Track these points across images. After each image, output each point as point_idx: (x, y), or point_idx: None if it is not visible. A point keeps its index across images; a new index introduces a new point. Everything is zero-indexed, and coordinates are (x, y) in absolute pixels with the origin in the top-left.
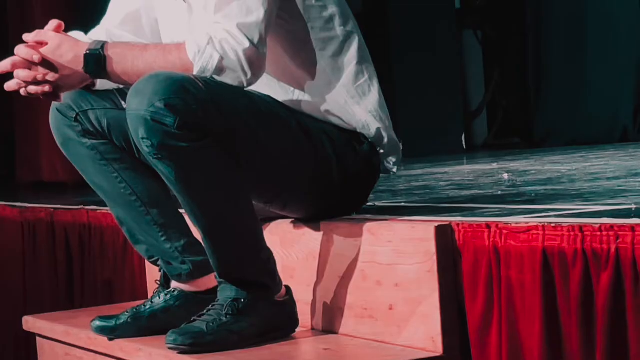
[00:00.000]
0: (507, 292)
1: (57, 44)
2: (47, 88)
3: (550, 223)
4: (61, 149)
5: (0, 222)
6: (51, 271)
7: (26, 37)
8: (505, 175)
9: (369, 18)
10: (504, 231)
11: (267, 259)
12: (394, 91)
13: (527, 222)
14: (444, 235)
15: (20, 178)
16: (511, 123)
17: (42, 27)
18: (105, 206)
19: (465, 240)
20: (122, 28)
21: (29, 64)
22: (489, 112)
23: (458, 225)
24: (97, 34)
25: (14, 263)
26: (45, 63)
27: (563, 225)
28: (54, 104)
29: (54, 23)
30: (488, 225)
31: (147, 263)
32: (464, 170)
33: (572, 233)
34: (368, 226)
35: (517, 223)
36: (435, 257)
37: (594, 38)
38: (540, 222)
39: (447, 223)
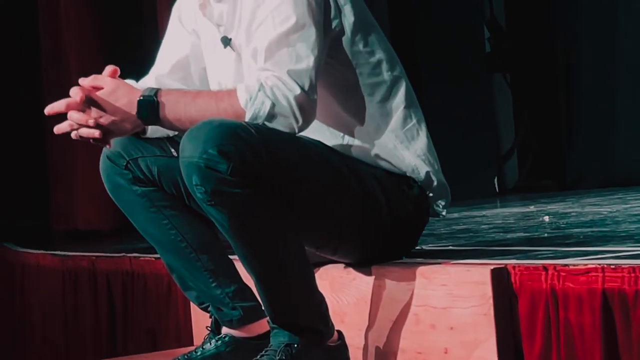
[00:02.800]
0: (565, 335)
1: (113, 88)
2: (97, 133)
3: (609, 265)
4: (111, 196)
5: (41, 271)
6: (93, 320)
7: (82, 81)
8: (547, 218)
9: None
10: (562, 273)
11: (319, 304)
12: None
13: (585, 264)
14: (500, 278)
15: (55, 227)
16: (542, 165)
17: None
18: (148, 253)
19: (521, 283)
20: (171, 76)
21: (83, 107)
22: (519, 155)
23: (514, 268)
24: (147, 82)
25: (54, 312)
26: (99, 107)
27: (623, 266)
28: (105, 151)
29: (109, 68)
30: (545, 268)
31: (192, 309)
32: (502, 213)
33: (632, 274)
34: (421, 270)
35: (575, 265)
36: (491, 301)
37: (625, 77)
38: (599, 264)
39: (503, 266)
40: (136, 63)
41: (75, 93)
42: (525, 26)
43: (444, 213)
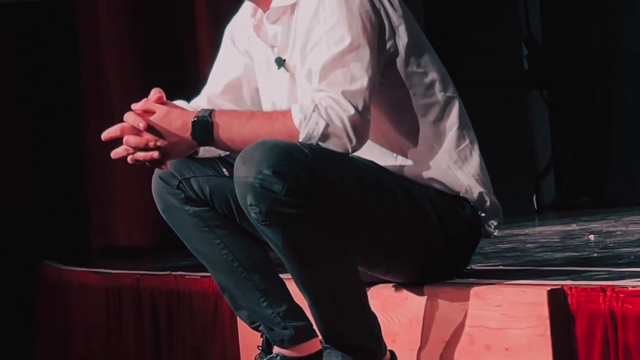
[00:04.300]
0: (624, 356)
1: (166, 112)
2: (156, 155)
3: None
4: (163, 216)
5: (84, 289)
6: (137, 338)
7: (134, 105)
8: (592, 237)
9: None
10: (621, 294)
11: (372, 324)
12: None
13: None
14: (557, 299)
15: (94, 243)
16: (580, 182)
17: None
18: (193, 271)
19: (578, 304)
20: (223, 97)
21: (137, 131)
22: (556, 172)
23: (571, 289)
24: (199, 102)
25: (97, 331)
26: (153, 130)
27: None
28: (157, 172)
29: (155, 92)
30: (603, 289)
31: (239, 328)
32: (545, 232)
33: None
34: (475, 290)
35: (634, 286)
36: (548, 322)
37: None
38: None
39: (559, 287)
40: (176, 85)
41: (134, 119)
42: (562, 43)
43: (495, 233)
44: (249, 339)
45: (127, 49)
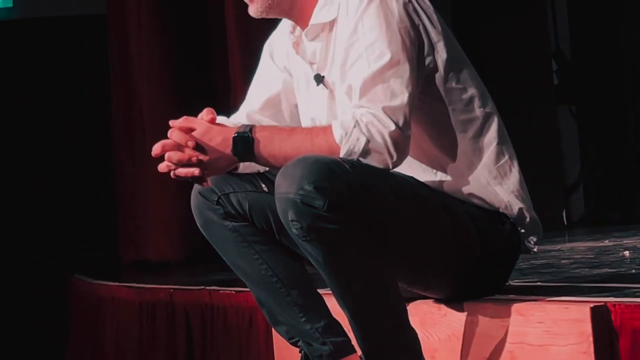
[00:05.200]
0: None
1: (206, 128)
2: (197, 172)
3: None
4: (202, 231)
5: (116, 304)
6: (170, 354)
7: (173, 122)
8: (627, 253)
9: None
10: None
11: (412, 340)
12: None
13: None
14: (600, 316)
15: (124, 257)
16: (609, 198)
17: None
18: (225, 286)
19: (622, 321)
20: (262, 113)
21: (180, 147)
22: (585, 187)
23: (614, 305)
24: (238, 118)
25: (130, 345)
26: (195, 146)
27: None
28: (196, 187)
29: (208, 112)
30: None
31: (274, 343)
32: (578, 248)
33: None
34: (516, 307)
35: None
36: (591, 339)
37: None
38: None
39: (603, 304)
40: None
41: (178, 136)
42: (590, 57)
43: (535, 249)
44: (285, 355)
45: (157, 64)
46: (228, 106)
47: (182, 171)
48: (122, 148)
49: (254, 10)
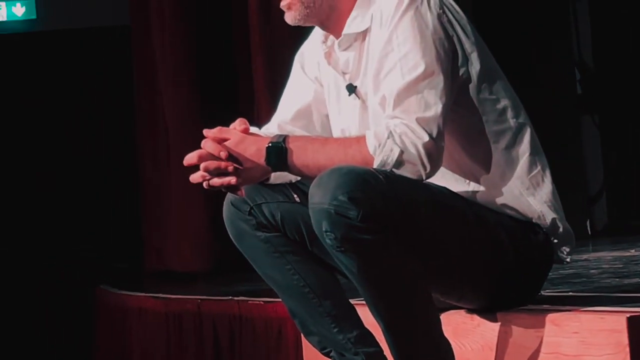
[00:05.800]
0: None
1: (240, 138)
2: (233, 181)
3: None
4: (234, 241)
5: (143, 315)
6: None
7: (207, 132)
8: None
9: None
10: None
11: (446, 351)
12: None
13: None
14: (636, 326)
15: (149, 268)
16: (632, 207)
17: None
18: (252, 296)
19: None
20: (294, 123)
21: (214, 157)
22: (607, 197)
23: None
24: (270, 129)
25: (157, 357)
26: (229, 157)
27: None
28: (228, 198)
29: (241, 122)
30: None
31: (304, 354)
32: (605, 258)
33: None
34: (551, 317)
35: None
36: (628, 349)
37: None
38: None
39: (639, 314)
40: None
41: (213, 147)
42: (613, 66)
43: (568, 259)
44: None
45: (180, 74)
46: (252, 115)
47: (218, 181)
48: (147, 158)
49: (291, 18)
